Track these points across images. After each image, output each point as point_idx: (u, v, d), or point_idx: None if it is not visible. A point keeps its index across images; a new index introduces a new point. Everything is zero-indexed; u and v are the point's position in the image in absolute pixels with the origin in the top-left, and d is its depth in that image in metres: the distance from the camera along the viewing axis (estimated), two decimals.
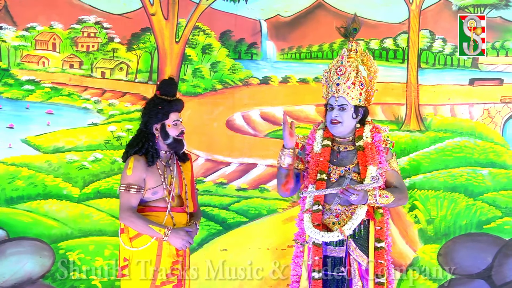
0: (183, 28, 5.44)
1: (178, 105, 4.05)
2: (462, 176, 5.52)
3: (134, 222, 3.92)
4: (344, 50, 3.99)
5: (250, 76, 5.49)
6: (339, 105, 3.91)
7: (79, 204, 5.35)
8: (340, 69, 3.93)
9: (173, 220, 4.00)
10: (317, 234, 3.80)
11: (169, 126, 4.02)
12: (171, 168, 4.07)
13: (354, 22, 4.05)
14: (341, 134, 3.98)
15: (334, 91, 3.92)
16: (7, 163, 5.31)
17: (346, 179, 3.87)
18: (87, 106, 5.39)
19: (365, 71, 3.98)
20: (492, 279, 5.49)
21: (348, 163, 3.94)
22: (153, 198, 4.00)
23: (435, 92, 5.54)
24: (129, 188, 3.96)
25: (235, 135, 5.49)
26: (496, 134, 5.55)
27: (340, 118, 3.91)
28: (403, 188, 4.01)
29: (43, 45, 5.36)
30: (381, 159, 3.90)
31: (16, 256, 5.29)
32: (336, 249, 3.87)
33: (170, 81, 4.12)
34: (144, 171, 3.96)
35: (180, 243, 3.91)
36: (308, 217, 3.87)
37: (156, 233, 3.89)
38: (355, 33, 4.05)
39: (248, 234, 5.41)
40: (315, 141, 4.03)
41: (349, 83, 3.90)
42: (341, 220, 3.87)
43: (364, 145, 3.92)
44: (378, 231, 3.89)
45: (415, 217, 5.49)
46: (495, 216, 5.53)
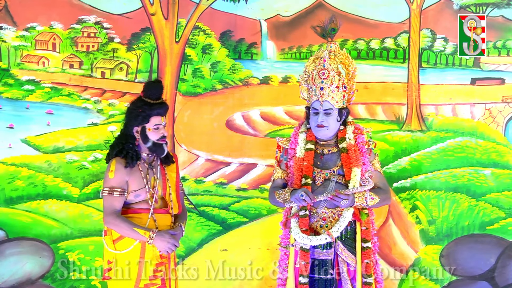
0: (183, 28, 5.45)
1: (161, 109, 3.95)
2: (464, 176, 5.49)
3: (119, 226, 3.88)
4: (326, 52, 3.96)
5: (250, 76, 5.49)
6: (325, 110, 3.90)
7: (79, 204, 5.35)
8: (323, 72, 3.90)
9: (156, 222, 3.95)
10: (305, 239, 3.81)
11: (149, 130, 3.94)
12: (154, 170, 4.02)
13: (332, 22, 4.03)
14: (326, 137, 3.98)
15: (319, 95, 3.90)
16: (7, 163, 5.32)
17: (331, 182, 3.87)
18: (87, 106, 5.40)
19: (344, 71, 3.94)
20: (495, 281, 5.46)
21: (332, 165, 3.95)
22: (135, 201, 3.96)
23: (436, 91, 5.52)
24: (112, 191, 3.91)
25: (235, 135, 5.48)
26: (498, 134, 5.52)
27: (326, 122, 3.91)
28: (387, 189, 4.06)
29: (43, 45, 5.37)
30: (364, 160, 3.93)
31: (15, 256, 5.30)
32: (324, 251, 3.87)
33: (154, 83, 4.05)
34: (127, 173, 3.91)
35: (165, 246, 3.87)
36: (295, 222, 3.87)
37: (141, 236, 3.85)
38: (334, 33, 4.03)
39: (248, 234, 5.40)
40: (297, 145, 4.00)
41: (333, 87, 3.89)
42: (328, 223, 3.89)
43: (347, 147, 3.93)
44: (364, 231, 3.92)
45: (417, 218, 5.47)
46: (499, 217, 5.49)
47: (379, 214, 5.40)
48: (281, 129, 5.47)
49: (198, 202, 5.40)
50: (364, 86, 5.45)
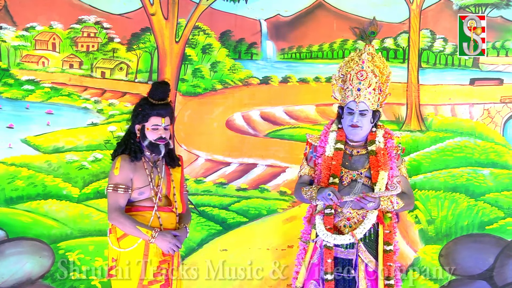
0: (183, 28, 5.44)
1: (162, 110, 3.98)
2: (463, 176, 5.50)
3: (122, 223, 3.91)
4: (365, 54, 3.98)
5: (250, 76, 5.49)
6: (361, 111, 3.92)
7: (78, 204, 5.34)
8: (362, 74, 3.94)
9: (160, 220, 3.98)
10: (329, 237, 3.86)
11: (148, 129, 3.99)
12: (158, 169, 4.06)
13: (372, 25, 4.06)
14: (358, 138, 4.01)
15: (355, 96, 3.93)
16: (7, 163, 5.31)
17: (358, 183, 3.91)
18: (87, 106, 5.39)
19: (379, 74, 3.98)
20: (494, 280, 5.48)
21: (360, 167, 3.98)
22: (139, 198, 3.99)
23: (435, 92, 5.53)
24: (116, 188, 3.95)
25: (235, 135, 5.48)
26: (496, 134, 5.54)
27: (361, 123, 3.94)
28: (411, 194, 4.10)
29: (43, 45, 5.36)
30: (392, 165, 3.96)
31: (15, 256, 5.29)
32: (345, 251, 3.90)
33: (160, 84, 4.08)
34: (131, 171, 3.97)
35: (166, 246, 3.89)
36: (320, 219, 3.91)
37: (143, 235, 3.88)
38: (373, 36, 4.06)
39: (248, 234, 5.40)
40: (327, 144, 4.03)
41: (370, 89, 3.93)
42: (352, 223, 3.92)
43: (376, 150, 3.97)
44: (387, 234, 3.95)
45: (416, 218, 5.48)
46: (498, 216, 5.51)
47: None
48: (281, 129, 5.47)
49: (198, 202, 5.40)
50: None
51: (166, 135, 4.00)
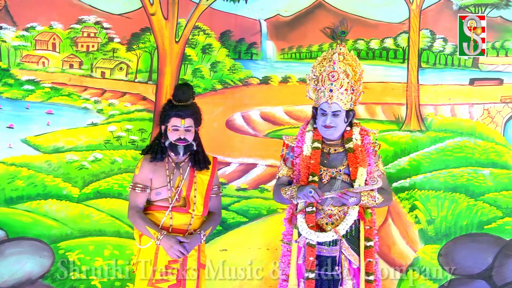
0: (183, 28, 5.44)
1: (181, 111, 4.09)
2: (463, 176, 5.50)
3: (136, 222, 4.08)
4: (336, 55, 4.00)
5: (250, 76, 5.49)
6: (333, 112, 3.95)
7: (79, 204, 5.34)
8: (333, 75, 3.97)
9: (172, 220, 4.02)
10: (312, 235, 3.86)
11: (169, 130, 4.11)
12: (181, 170, 4.11)
13: (342, 25, 4.08)
14: (332, 137, 4.02)
15: (327, 97, 3.95)
16: (7, 163, 5.31)
17: (337, 181, 3.93)
18: (87, 106, 5.39)
19: (351, 73, 3.99)
20: (493, 280, 5.48)
21: (338, 164, 4.01)
22: (157, 198, 4.07)
23: (435, 92, 5.53)
24: (134, 187, 4.13)
25: (235, 135, 5.48)
26: (497, 134, 5.54)
27: (334, 123, 3.98)
28: (389, 190, 4.17)
29: (43, 45, 5.36)
30: (370, 161, 3.98)
31: (15, 256, 5.28)
32: (329, 248, 3.91)
33: (181, 86, 4.23)
34: (151, 171, 4.10)
35: (169, 251, 3.97)
36: (302, 218, 3.91)
37: (151, 235, 4.00)
38: (344, 36, 4.07)
39: (248, 234, 5.40)
40: (304, 144, 4.05)
41: (342, 90, 3.96)
42: (334, 220, 3.93)
43: (354, 147, 4.00)
44: (368, 230, 4.00)
45: (416, 217, 5.48)
46: (496, 216, 5.51)
47: (378, 214, 5.38)
48: (281, 129, 5.47)
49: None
50: (364, 86, 5.43)
51: (187, 136, 4.09)
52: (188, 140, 4.10)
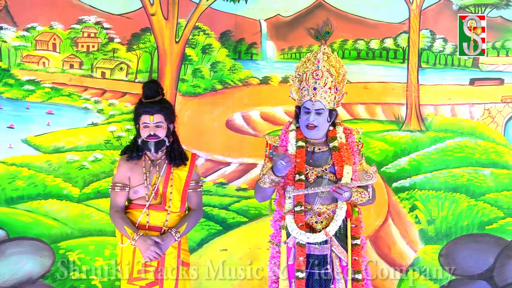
0: (183, 28, 5.45)
1: (149, 108, 4.06)
2: (463, 176, 5.50)
3: (115, 221, 4.08)
4: (320, 54, 4.01)
5: (250, 76, 5.49)
6: (316, 110, 3.95)
7: (79, 204, 5.35)
8: (317, 73, 3.98)
9: (148, 218, 4.03)
10: (303, 235, 3.85)
11: (141, 127, 4.09)
12: (158, 167, 4.11)
13: (327, 26, 4.09)
14: (315, 137, 4.01)
15: (311, 95, 3.95)
16: (7, 163, 5.32)
17: (324, 179, 3.92)
18: (87, 106, 5.40)
19: (335, 74, 4.00)
20: (494, 280, 5.48)
21: (323, 163, 4.00)
22: (135, 197, 4.08)
23: (435, 92, 5.53)
24: (114, 187, 4.12)
25: (235, 135, 5.49)
26: (497, 134, 5.53)
27: (317, 122, 3.97)
28: (373, 188, 4.08)
29: (43, 45, 5.37)
30: (355, 159, 3.97)
31: (16, 256, 5.30)
32: (319, 247, 3.92)
33: (148, 83, 4.22)
34: (128, 169, 4.11)
35: (144, 252, 3.95)
36: (291, 218, 3.90)
37: (128, 235, 4.00)
38: (328, 36, 4.08)
39: (248, 234, 5.40)
40: (288, 143, 4.04)
41: (326, 88, 3.96)
42: (323, 218, 3.93)
43: (339, 146, 3.99)
44: (354, 229, 4.01)
45: (416, 218, 5.48)
46: (497, 216, 5.51)
47: (378, 214, 5.42)
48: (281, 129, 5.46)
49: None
50: (364, 86, 5.47)
51: (158, 132, 4.06)
52: (159, 136, 4.06)
